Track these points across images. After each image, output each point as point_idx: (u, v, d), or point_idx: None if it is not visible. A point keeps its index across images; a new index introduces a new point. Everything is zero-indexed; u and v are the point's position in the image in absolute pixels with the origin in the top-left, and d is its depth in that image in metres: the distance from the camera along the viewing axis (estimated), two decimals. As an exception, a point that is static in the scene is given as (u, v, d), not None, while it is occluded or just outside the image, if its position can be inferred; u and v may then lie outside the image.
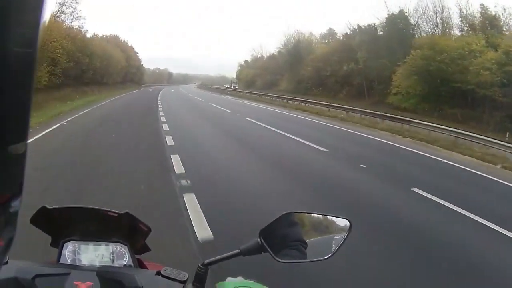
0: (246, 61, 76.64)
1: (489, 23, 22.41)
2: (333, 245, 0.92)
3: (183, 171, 5.60)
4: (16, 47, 0.28)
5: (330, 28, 43.69)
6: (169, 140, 8.28)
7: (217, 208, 4.13)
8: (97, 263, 0.87)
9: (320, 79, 33.69)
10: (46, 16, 0.30)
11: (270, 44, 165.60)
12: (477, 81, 18.06)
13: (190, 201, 4.23)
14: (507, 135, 13.31)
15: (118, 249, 0.90)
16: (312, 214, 0.97)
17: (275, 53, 52.40)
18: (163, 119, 12.92)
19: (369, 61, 26.60)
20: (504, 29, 22.11)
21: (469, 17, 23.54)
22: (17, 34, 0.28)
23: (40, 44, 0.31)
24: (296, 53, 40.47)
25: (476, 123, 17.28)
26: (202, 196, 4.37)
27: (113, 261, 0.89)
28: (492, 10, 22.45)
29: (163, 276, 0.79)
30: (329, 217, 0.97)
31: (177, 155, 6.62)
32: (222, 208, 4.21)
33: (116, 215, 0.87)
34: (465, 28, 23.96)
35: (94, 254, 0.89)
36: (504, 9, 21.92)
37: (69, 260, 0.87)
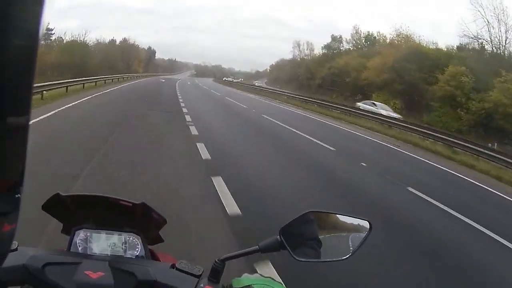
0: (327, 45, 40.83)
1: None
2: (351, 246, 0.91)
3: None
4: (17, 41, 0.28)
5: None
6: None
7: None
8: (108, 253, 0.86)
9: None
10: (46, 10, 0.30)
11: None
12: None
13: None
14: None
15: (131, 239, 0.88)
16: (332, 214, 0.96)
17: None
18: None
19: None
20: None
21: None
22: (18, 28, 0.28)
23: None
24: None
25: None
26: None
27: (125, 251, 0.87)
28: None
29: (177, 269, 0.77)
30: (348, 217, 0.95)
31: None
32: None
33: (131, 205, 0.85)
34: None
35: (106, 243, 0.87)
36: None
37: (80, 248, 0.86)
